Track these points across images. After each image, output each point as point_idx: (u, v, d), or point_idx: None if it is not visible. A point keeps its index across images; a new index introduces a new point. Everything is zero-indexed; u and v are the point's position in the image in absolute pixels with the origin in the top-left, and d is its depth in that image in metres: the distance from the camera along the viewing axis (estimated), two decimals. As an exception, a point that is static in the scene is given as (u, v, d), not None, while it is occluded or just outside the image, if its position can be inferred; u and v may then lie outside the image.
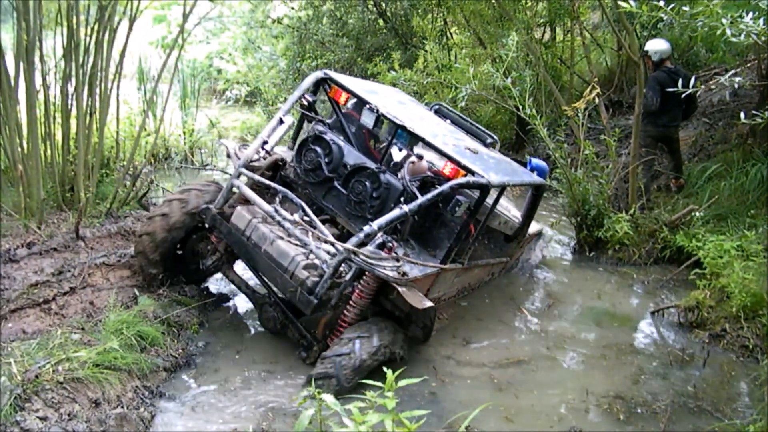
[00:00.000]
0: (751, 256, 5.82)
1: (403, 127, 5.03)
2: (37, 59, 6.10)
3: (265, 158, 5.24)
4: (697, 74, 9.99)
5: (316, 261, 4.65)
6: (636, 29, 8.04)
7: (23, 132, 6.04)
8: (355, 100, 5.65)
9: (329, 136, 5.30)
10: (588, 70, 9.28)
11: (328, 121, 5.71)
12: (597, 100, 7.11)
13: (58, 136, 6.72)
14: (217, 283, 6.04)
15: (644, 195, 7.47)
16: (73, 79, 6.52)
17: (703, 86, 9.80)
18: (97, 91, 6.80)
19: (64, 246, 5.72)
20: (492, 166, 5.22)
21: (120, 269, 5.57)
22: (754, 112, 4.14)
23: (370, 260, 4.38)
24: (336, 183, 5.20)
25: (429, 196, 4.67)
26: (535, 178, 5.94)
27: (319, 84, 5.48)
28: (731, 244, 5.95)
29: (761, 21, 3.75)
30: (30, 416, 3.57)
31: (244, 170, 5.05)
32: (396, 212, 4.60)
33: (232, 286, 5.73)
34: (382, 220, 4.53)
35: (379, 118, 5.20)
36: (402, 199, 4.90)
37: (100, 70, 6.77)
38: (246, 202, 5.08)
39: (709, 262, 6.00)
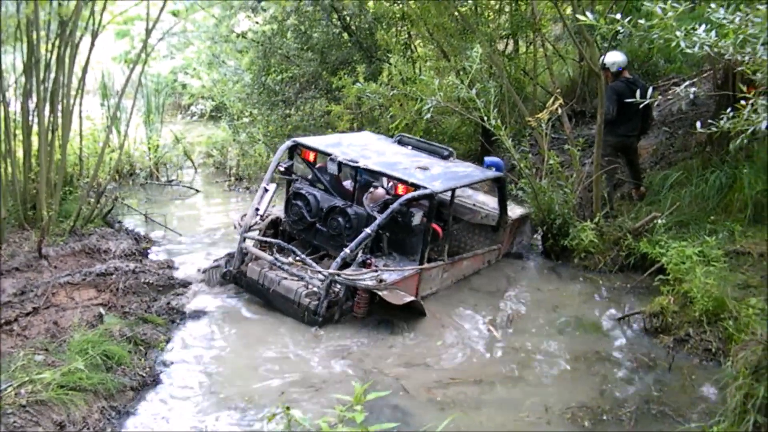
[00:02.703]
0: (712, 261, 5.93)
1: (357, 167, 6.15)
2: (-4, 76, 6.02)
3: (263, 220, 6.44)
4: (656, 84, 10.23)
5: (315, 289, 5.67)
6: (597, 41, 8.18)
7: (-18, 150, 5.95)
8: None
9: (305, 190, 6.44)
10: (551, 81, 9.40)
11: (309, 177, 6.78)
12: (560, 110, 7.22)
13: (19, 154, 6.62)
14: (185, 299, 5.98)
15: (608, 203, 7.59)
16: (34, 95, 6.43)
17: (660, 96, 10.02)
18: (59, 107, 6.72)
19: (27, 265, 5.63)
20: (439, 175, 6.17)
21: (85, 288, 5.49)
22: (710, 121, 4.24)
23: (350, 277, 5.50)
24: (318, 225, 6.29)
25: (383, 215, 5.70)
26: (488, 173, 6.84)
27: (292, 150, 6.64)
28: (693, 250, 6.05)
29: (713, 33, 3.86)
30: (-8, 441, 3.49)
31: (246, 235, 6.20)
32: (362, 235, 5.65)
33: (201, 303, 5.82)
34: (353, 244, 5.61)
35: (341, 164, 6.19)
36: (368, 223, 5.88)
37: (62, 86, 6.70)
38: (256, 258, 6.15)
39: (672, 268, 6.09)
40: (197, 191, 10.60)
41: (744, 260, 6.51)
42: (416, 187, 5.76)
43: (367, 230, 5.65)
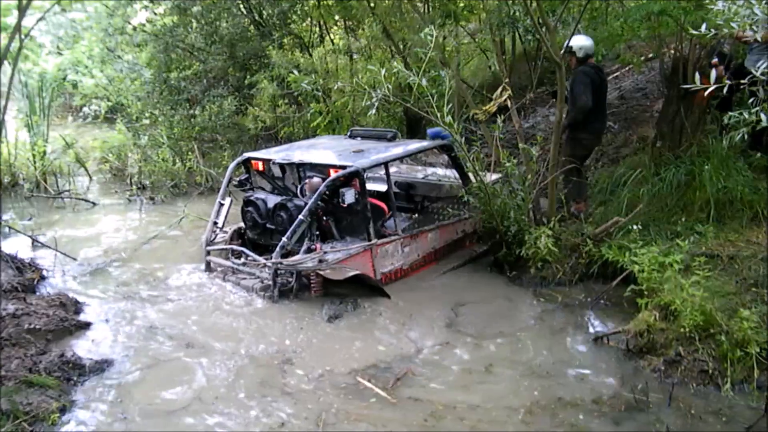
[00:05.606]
0: (694, 269, 5.29)
1: (292, 163, 6.66)
2: None
3: (225, 233, 6.90)
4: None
5: (268, 282, 6.04)
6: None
7: None
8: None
9: (254, 196, 6.83)
10: (502, 71, 8.53)
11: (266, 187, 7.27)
12: (509, 102, 6.51)
13: None
14: (84, 347, 4.83)
15: (564, 206, 6.90)
16: None
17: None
18: None
19: None
20: (370, 154, 6.47)
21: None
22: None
23: (292, 262, 5.87)
24: (268, 224, 6.64)
25: (313, 199, 6.04)
26: (429, 143, 7.15)
27: (246, 162, 7.09)
28: (673, 257, 5.40)
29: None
30: None
31: (209, 248, 6.73)
32: (296, 222, 6.02)
33: (105, 349, 4.75)
34: (288, 232, 6.01)
35: (281, 165, 6.72)
36: None
37: None
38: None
39: (644, 277, 5.44)
40: (94, 204, 9.27)
41: (714, 264, 5.92)
42: (342, 167, 6.11)
43: (300, 217, 6.01)
